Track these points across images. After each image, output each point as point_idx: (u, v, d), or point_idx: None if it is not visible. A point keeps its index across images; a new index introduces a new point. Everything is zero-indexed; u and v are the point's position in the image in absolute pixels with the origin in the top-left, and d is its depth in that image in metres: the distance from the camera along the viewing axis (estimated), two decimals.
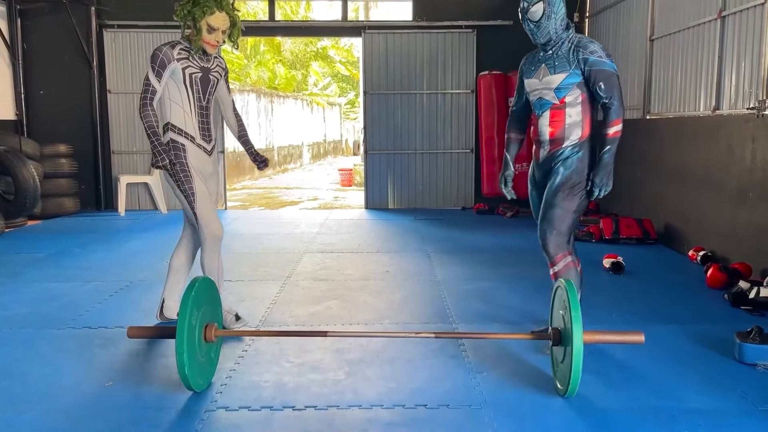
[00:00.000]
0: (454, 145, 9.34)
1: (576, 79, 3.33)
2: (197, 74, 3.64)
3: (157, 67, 3.54)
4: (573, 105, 3.37)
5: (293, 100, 21.54)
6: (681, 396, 2.95)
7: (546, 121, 3.42)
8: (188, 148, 3.67)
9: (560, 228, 3.41)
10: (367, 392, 3.00)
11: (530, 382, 3.10)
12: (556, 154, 3.44)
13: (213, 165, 3.83)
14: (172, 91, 3.62)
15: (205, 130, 3.73)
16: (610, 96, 3.29)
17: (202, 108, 3.70)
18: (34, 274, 5.40)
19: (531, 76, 3.49)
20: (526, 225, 7.87)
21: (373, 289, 4.85)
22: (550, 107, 3.40)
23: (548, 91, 3.39)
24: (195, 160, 3.69)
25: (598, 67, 3.28)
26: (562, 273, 3.43)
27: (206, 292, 3.06)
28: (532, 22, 3.34)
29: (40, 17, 8.99)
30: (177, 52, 3.59)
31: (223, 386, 3.06)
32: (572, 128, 3.38)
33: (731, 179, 5.32)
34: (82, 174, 9.10)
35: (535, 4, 3.31)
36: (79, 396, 2.97)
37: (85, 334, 3.84)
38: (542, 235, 3.46)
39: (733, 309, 4.27)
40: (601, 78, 3.28)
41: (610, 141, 3.31)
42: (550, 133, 3.43)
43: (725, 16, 5.47)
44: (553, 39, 3.36)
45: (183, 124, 3.65)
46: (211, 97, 3.76)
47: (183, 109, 3.64)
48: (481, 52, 9.12)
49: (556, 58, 3.36)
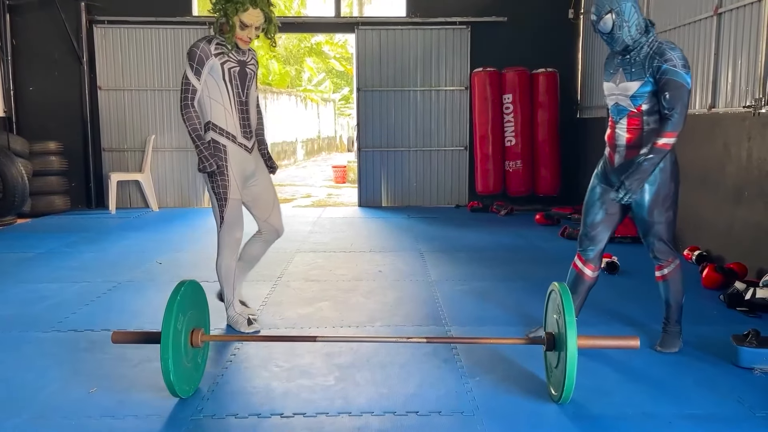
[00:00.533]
0: (448, 143, 9.27)
1: (651, 88, 3.24)
2: (235, 68, 3.53)
3: (196, 65, 3.44)
4: (650, 113, 3.28)
5: (287, 96, 21.43)
6: (677, 401, 2.89)
7: (624, 127, 3.36)
8: (229, 149, 3.58)
9: (666, 237, 3.44)
10: (358, 398, 2.93)
11: (524, 387, 3.04)
12: (633, 160, 3.32)
13: (255, 161, 3.74)
14: (211, 89, 3.51)
15: (246, 127, 3.63)
16: (672, 108, 3.17)
17: (242, 104, 3.60)
18: (21, 274, 5.31)
19: (609, 79, 3.43)
20: (520, 223, 7.83)
21: (365, 290, 4.78)
22: (627, 114, 3.33)
23: (624, 98, 3.32)
24: (236, 161, 3.60)
25: (669, 76, 3.17)
26: (670, 275, 3.48)
27: (193, 296, 2.99)
28: (605, 34, 3.27)
29: (30, 13, 8.87)
30: (214, 48, 3.48)
31: (210, 392, 2.99)
32: (650, 135, 3.27)
33: (727, 178, 5.27)
34: (72, 171, 9.00)
35: (604, 16, 3.22)
36: (63, 402, 2.90)
37: (71, 337, 3.76)
38: (652, 247, 3.47)
39: (729, 310, 4.22)
40: (668, 88, 3.17)
41: (656, 150, 3.20)
42: (627, 140, 3.35)
43: (722, 12, 5.41)
44: (630, 45, 3.27)
45: (224, 123, 3.54)
46: (249, 91, 3.65)
47: (224, 106, 3.53)
48: (475, 49, 9.05)
49: (633, 64, 3.27)
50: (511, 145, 8.81)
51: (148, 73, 9.10)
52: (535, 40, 8.97)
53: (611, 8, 3.20)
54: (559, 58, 8.97)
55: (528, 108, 8.78)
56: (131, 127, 9.18)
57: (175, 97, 9.14)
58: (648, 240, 3.47)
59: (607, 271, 5.23)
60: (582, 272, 3.64)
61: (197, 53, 3.43)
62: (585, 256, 3.62)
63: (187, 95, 3.47)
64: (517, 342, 3.06)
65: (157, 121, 9.18)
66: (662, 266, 3.48)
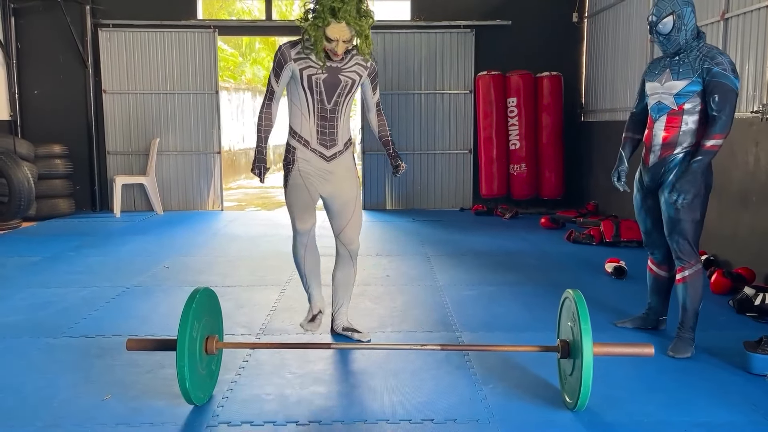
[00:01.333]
0: (453, 146, 9.28)
1: (697, 88, 3.33)
2: (320, 76, 3.34)
3: (275, 67, 3.39)
4: (691, 113, 3.38)
5: None
6: (691, 409, 2.90)
7: (662, 125, 3.45)
8: (299, 152, 3.47)
9: (691, 238, 3.49)
10: (372, 405, 2.94)
11: (537, 394, 3.04)
12: (667, 159, 3.46)
13: (334, 171, 3.50)
14: (292, 93, 3.45)
15: (326, 135, 3.44)
16: (720, 110, 3.26)
17: (326, 111, 3.42)
18: (28, 279, 5.31)
19: (653, 79, 3.52)
20: (525, 226, 7.83)
21: (373, 295, 4.78)
22: (668, 112, 3.43)
23: (668, 96, 3.42)
24: (306, 164, 3.48)
25: (718, 79, 3.27)
26: (690, 278, 3.51)
27: (207, 303, 2.99)
28: (662, 35, 3.37)
29: (35, 16, 8.88)
30: (295, 53, 3.35)
31: (225, 399, 2.99)
32: (686, 135, 3.40)
33: (733, 183, 5.28)
34: (77, 175, 9.01)
35: (665, 18, 3.34)
36: (76, 410, 2.90)
37: (82, 343, 3.76)
38: (676, 246, 3.51)
39: (739, 315, 4.23)
40: (717, 90, 3.27)
41: (705, 152, 3.30)
42: (663, 138, 3.45)
43: (728, 18, 5.42)
44: (682, 48, 3.39)
45: (299, 128, 3.45)
46: (341, 99, 3.43)
47: (301, 112, 3.43)
48: (479, 52, 9.06)
49: (681, 65, 3.38)
50: (515, 148, 8.82)
51: (152, 76, 9.11)
52: (540, 44, 8.98)
53: (673, 10, 3.34)
54: (564, 62, 8.98)
55: (532, 111, 8.78)
56: (136, 131, 9.19)
57: (180, 100, 9.17)
58: (673, 238, 3.50)
59: (615, 276, 5.23)
60: (657, 274, 3.84)
61: (277, 56, 3.36)
62: (655, 258, 3.83)
63: (265, 96, 3.46)
64: (531, 349, 3.06)
65: (162, 125, 9.19)
66: (684, 268, 3.52)
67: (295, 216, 3.58)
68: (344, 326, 3.77)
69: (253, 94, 17.33)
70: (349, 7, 3.18)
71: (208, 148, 9.28)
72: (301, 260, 3.68)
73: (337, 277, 3.74)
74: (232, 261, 5.98)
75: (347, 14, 3.17)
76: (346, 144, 3.56)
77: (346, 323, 3.80)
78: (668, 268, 3.76)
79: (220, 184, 9.45)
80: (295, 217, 3.58)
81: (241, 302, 4.59)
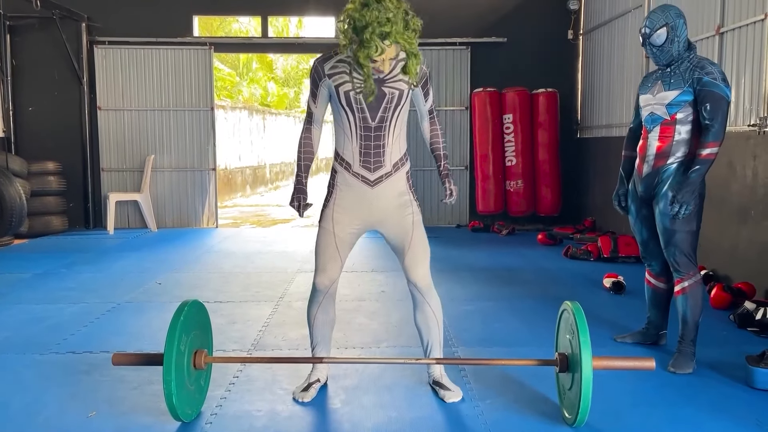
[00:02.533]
0: (449, 162, 9.22)
1: (688, 97, 3.35)
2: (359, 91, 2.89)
3: (311, 86, 3.00)
4: (683, 123, 3.39)
5: (286, 117, 21.46)
6: (694, 424, 2.82)
7: (656, 135, 3.46)
8: (339, 177, 3.05)
9: (687, 249, 3.45)
10: (366, 422, 2.85)
11: (536, 409, 2.96)
12: (660, 170, 3.46)
13: (383, 194, 3.03)
14: (334, 112, 3.02)
15: (369, 156, 2.97)
16: (712, 118, 3.28)
17: (370, 130, 2.94)
18: (17, 295, 5.22)
19: (646, 92, 3.55)
20: (522, 243, 7.77)
21: (368, 311, 4.70)
22: (661, 122, 3.45)
23: (660, 107, 3.43)
24: (346, 193, 3.04)
25: (709, 88, 3.29)
26: (690, 289, 3.46)
27: (196, 316, 2.92)
28: (655, 47, 3.39)
29: (30, 33, 8.87)
30: (330, 66, 2.94)
31: (213, 416, 2.91)
32: (680, 145, 3.41)
33: (732, 197, 5.23)
34: (71, 192, 8.94)
35: (658, 30, 3.36)
36: (61, 428, 2.81)
37: (70, 359, 3.67)
38: (672, 259, 3.49)
39: (740, 330, 4.16)
40: (709, 99, 3.29)
41: (702, 162, 3.30)
42: (657, 148, 3.46)
43: (724, 32, 5.42)
44: (675, 59, 3.42)
45: (342, 149, 3.02)
46: (388, 114, 2.93)
47: (344, 132, 3.00)
48: (475, 69, 9.07)
49: (672, 76, 3.41)
50: (511, 164, 8.79)
51: (148, 93, 9.09)
52: (535, 61, 8.99)
53: (666, 22, 3.37)
54: (559, 79, 8.99)
55: (528, 128, 8.76)
56: (131, 147, 9.14)
57: (175, 117, 9.13)
58: (669, 250, 3.47)
59: (613, 291, 5.16)
60: (656, 286, 3.79)
61: (312, 73, 2.98)
62: (653, 270, 3.78)
63: (306, 119, 3.08)
64: (528, 363, 2.99)
65: (157, 142, 9.15)
66: (682, 279, 3.48)
67: (318, 263, 3.09)
68: (434, 379, 3.19)
69: (250, 113, 17.35)
70: (398, 26, 2.72)
71: (203, 165, 9.24)
72: (312, 318, 3.17)
73: (417, 320, 3.17)
74: (225, 277, 5.90)
75: (397, 34, 2.72)
76: (396, 164, 3.03)
77: (437, 376, 3.19)
78: (666, 280, 3.72)
79: (215, 201, 9.39)
80: (318, 263, 3.10)
81: (233, 318, 4.50)
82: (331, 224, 3.06)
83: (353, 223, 3.07)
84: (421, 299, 3.11)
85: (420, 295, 3.11)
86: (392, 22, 2.69)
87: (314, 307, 3.15)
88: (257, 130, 17.83)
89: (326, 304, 3.15)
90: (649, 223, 3.62)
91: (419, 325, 3.16)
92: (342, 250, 3.09)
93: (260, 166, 17.93)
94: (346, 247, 3.10)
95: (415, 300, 3.14)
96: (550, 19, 8.99)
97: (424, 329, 3.15)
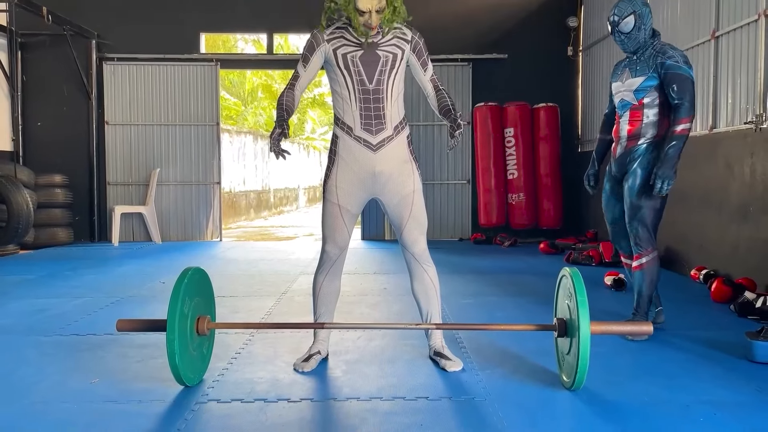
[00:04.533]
0: (451, 176, 9.33)
1: (653, 82, 3.56)
2: (355, 53, 2.99)
3: (304, 52, 3.06)
4: (651, 106, 3.60)
5: (290, 144, 21.67)
6: (693, 390, 2.82)
7: (626, 119, 3.69)
8: (341, 142, 3.08)
9: (649, 225, 3.66)
10: (366, 387, 2.87)
11: (535, 377, 2.97)
12: (632, 150, 3.68)
13: (385, 160, 3.06)
14: (332, 81, 3.08)
15: (370, 119, 3.02)
16: (681, 97, 3.49)
17: (368, 92, 3.00)
18: (23, 291, 5.27)
19: (617, 79, 3.77)
20: (524, 253, 7.80)
21: (370, 303, 4.73)
22: (630, 107, 3.66)
23: (629, 93, 3.65)
24: (349, 157, 3.06)
25: (673, 71, 3.50)
26: (647, 265, 3.68)
27: (199, 283, 2.96)
28: (623, 34, 3.61)
29: (41, 50, 9.08)
30: (329, 32, 3.04)
31: (215, 382, 2.93)
32: (648, 127, 3.62)
33: (731, 196, 5.28)
34: (77, 205, 9.03)
35: (626, 17, 3.57)
36: (63, 392, 2.83)
37: (73, 340, 3.70)
38: (635, 232, 3.68)
39: (741, 318, 4.16)
40: (675, 80, 3.50)
41: (677, 137, 3.49)
42: (628, 131, 3.67)
43: (719, 36, 5.53)
44: (641, 47, 3.62)
45: (341, 113, 3.07)
46: (384, 77, 3.01)
47: (342, 97, 3.05)
48: (476, 85, 9.21)
49: (638, 63, 3.64)
50: (513, 178, 8.86)
51: (155, 108, 9.25)
52: (536, 77, 9.14)
53: (634, 10, 3.58)
54: (560, 94, 9.12)
55: (529, 142, 8.86)
56: (137, 162, 9.26)
57: (181, 131, 9.27)
58: (632, 225, 3.68)
59: (614, 288, 5.18)
60: (630, 266, 3.90)
61: (309, 40, 3.05)
62: (624, 251, 3.98)
63: (289, 81, 3.10)
64: (527, 328, 3.02)
65: (163, 155, 9.27)
66: (641, 255, 3.69)
67: (325, 233, 3.14)
68: (435, 350, 3.20)
69: (254, 138, 17.54)
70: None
71: (208, 179, 9.34)
72: (318, 286, 3.20)
73: (415, 291, 3.21)
74: (228, 277, 5.93)
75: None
76: (397, 128, 3.09)
77: (438, 347, 3.20)
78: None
79: (219, 215, 9.46)
80: (325, 233, 3.15)
81: (236, 308, 4.53)
82: (335, 196, 3.10)
83: (356, 193, 3.11)
84: (419, 269, 3.15)
85: (418, 264, 3.15)
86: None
87: (321, 276, 3.20)
88: (262, 155, 18.01)
89: (333, 273, 3.20)
90: (621, 202, 3.82)
91: (417, 294, 3.19)
92: (348, 221, 3.14)
93: (264, 190, 18.05)
94: (352, 218, 3.16)
95: (412, 270, 3.18)
96: (550, 36, 9.17)
97: (423, 299, 3.19)
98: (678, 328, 3.90)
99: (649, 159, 3.61)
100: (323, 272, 3.20)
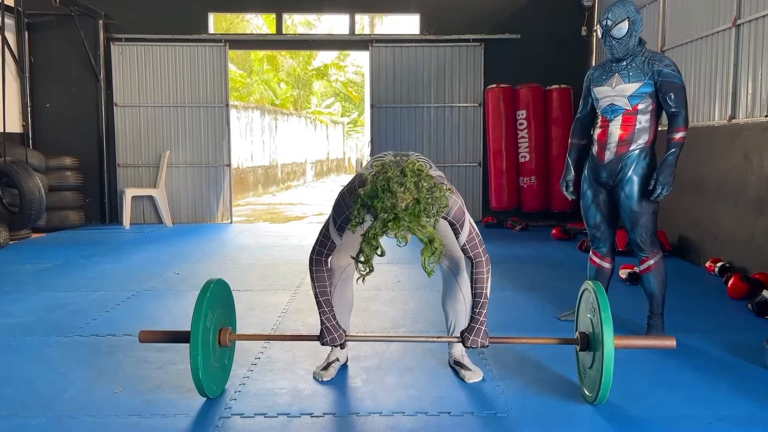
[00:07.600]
0: (462, 159, 9.27)
1: (649, 89, 3.59)
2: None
3: (341, 222, 2.79)
4: (644, 112, 3.62)
5: (297, 118, 21.55)
6: (713, 404, 2.83)
7: (617, 124, 3.67)
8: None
9: (652, 229, 3.71)
10: (387, 399, 2.88)
11: (556, 389, 2.98)
12: (623, 156, 3.67)
13: None
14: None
15: None
16: (678, 106, 3.54)
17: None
18: (39, 283, 5.30)
19: (602, 84, 3.73)
20: (536, 238, 7.78)
21: (385, 299, 4.74)
22: (623, 113, 3.65)
23: (621, 98, 3.64)
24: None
25: (669, 79, 3.55)
26: (656, 266, 3.72)
27: (221, 294, 2.97)
28: (615, 39, 3.58)
29: (48, 31, 8.98)
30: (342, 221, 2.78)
31: (237, 393, 2.95)
32: (641, 133, 3.64)
33: (748, 188, 5.23)
34: (87, 187, 9.03)
35: (619, 23, 3.55)
36: (88, 402, 2.86)
37: (93, 341, 3.73)
38: (639, 239, 3.71)
39: (758, 319, 4.16)
40: (671, 89, 3.54)
41: (675, 144, 3.55)
42: (619, 136, 3.66)
43: (740, 24, 5.42)
44: (629, 53, 3.61)
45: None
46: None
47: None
48: (488, 66, 9.09)
49: (630, 69, 3.62)
50: (525, 160, 8.80)
51: (163, 89, 9.18)
52: (549, 57, 9.00)
53: (627, 16, 3.57)
54: (573, 75, 8.96)
55: (542, 124, 8.77)
56: (146, 143, 9.23)
57: (190, 113, 9.21)
58: (635, 232, 3.71)
59: (629, 282, 5.17)
60: (601, 266, 4.05)
61: (342, 207, 2.74)
62: (599, 251, 4.04)
63: (316, 245, 2.85)
64: (549, 342, 3.02)
65: (172, 137, 9.23)
66: (648, 258, 3.74)
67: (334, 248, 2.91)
68: (455, 359, 3.17)
69: (262, 113, 17.43)
70: (405, 222, 2.49)
71: (218, 161, 9.31)
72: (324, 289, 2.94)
73: (445, 304, 3.19)
74: (242, 268, 5.95)
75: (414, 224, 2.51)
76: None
77: (458, 356, 3.17)
78: (610, 261, 4.03)
79: (229, 197, 9.46)
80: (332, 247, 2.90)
81: (252, 305, 4.55)
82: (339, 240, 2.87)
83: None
84: (454, 284, 3.18)
85: (454, 279, 3.19)
86: (399, 219, 2.48)
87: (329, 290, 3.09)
88: (269, 130, 17.92)
89: (342, 286, 3.18)
90: (606, 207, 3.87)
91: (447, 308, 3.21)
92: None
93: (272, 165, 18.02)
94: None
95: (448, 284, 3.20)
96: (564, 16, 9.01)
97: (451, 312, 3.20)
98: (695, 330, 3.90)
99: (643, 165, 3.64)
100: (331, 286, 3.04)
